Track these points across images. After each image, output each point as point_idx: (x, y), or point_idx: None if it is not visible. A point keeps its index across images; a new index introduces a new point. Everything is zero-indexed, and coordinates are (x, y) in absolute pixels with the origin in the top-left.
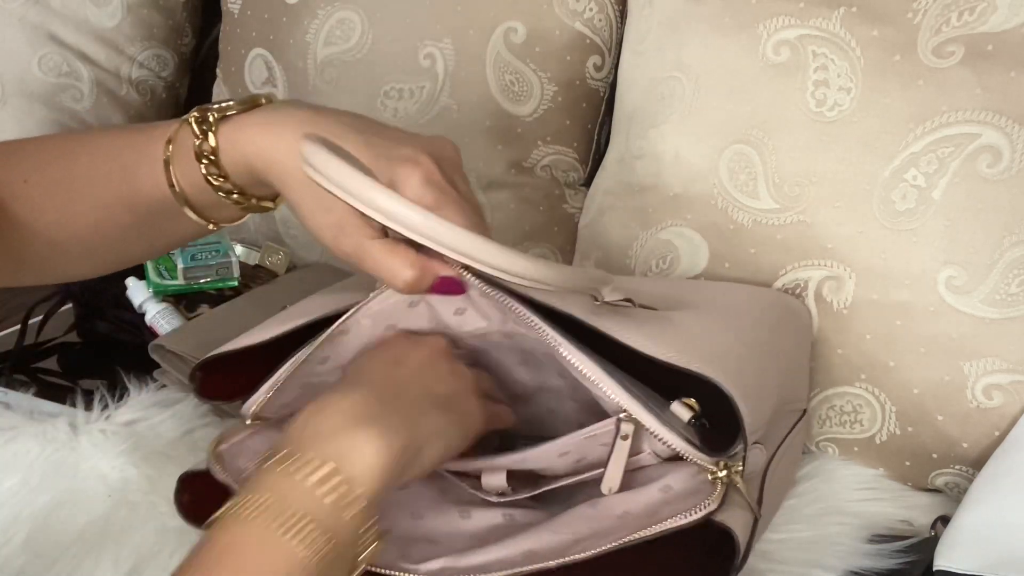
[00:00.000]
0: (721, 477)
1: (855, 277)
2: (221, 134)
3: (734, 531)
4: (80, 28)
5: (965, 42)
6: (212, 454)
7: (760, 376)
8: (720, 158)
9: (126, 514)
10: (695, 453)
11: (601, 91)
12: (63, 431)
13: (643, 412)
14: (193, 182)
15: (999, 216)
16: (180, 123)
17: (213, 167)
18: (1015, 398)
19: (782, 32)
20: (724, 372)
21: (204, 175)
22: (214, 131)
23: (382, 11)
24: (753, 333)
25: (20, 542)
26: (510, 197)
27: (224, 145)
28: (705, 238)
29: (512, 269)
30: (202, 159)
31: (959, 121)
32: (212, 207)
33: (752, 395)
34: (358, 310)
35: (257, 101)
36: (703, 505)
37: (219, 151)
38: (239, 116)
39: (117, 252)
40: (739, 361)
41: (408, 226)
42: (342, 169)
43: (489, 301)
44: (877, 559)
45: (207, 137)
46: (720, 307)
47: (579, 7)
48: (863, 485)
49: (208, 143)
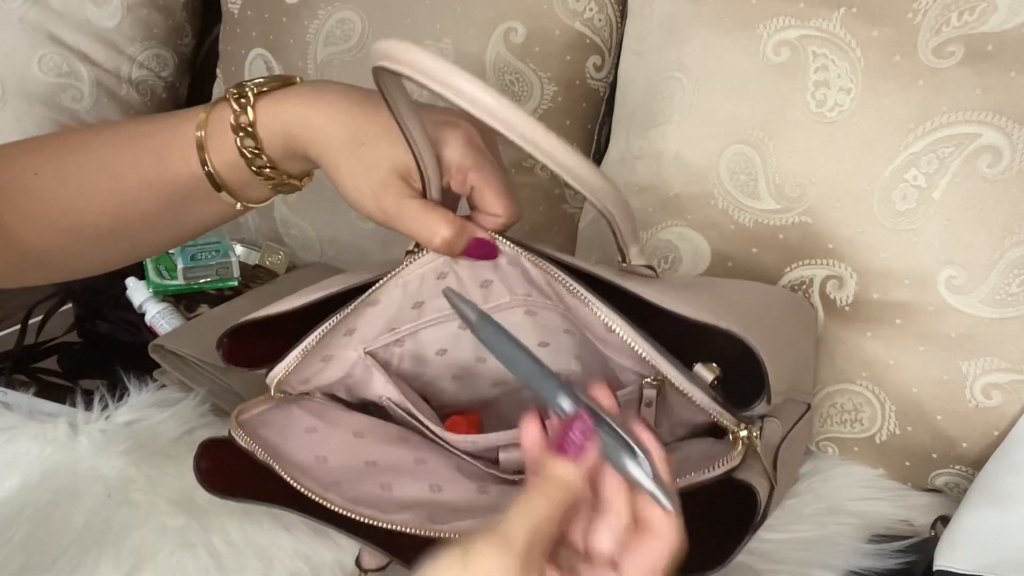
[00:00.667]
0: (742, 437)
1: (856, 276)
2: (260, 107)
3: (755, 487)
4: (80, 28)
5: (965, 42)
6: (235, 422)
7: (780, 345)
8: (720, 158)
9: (126, 514)
10: (719, 410)
11: (601, 91)
12: (63, 431)
13: (671, 369)
14: (227, 160)
15: (999, 216)
16: (213, 104)
17: (249, 139)
18: (1014, 398)
19: (782, 32)
20: (750, 331)
21: (239, 148)
22: (252, 105)
23: (382, 11)
24: (770, 313)
25: (20, 542)
26: None
27: (263, 117)
28: (706, 238)
29: (568, 163)
30: (239, 132)
31: (959, 121)
32: (243, 186)
33: (774, 359)
34: (389, 279)
35: (292, 79)
36: (724, 460)
37: (257, 123)
38: (279, 90)
39: (135, 240)
40: (762, 324)
41: (484, 107)
42: (420, 54)
43: (517, 271)
44: (877, 559)
45: (245, 110)
46: (735, 291)
47: (579, 7)
48: (863, 485)
49: (247, 115)
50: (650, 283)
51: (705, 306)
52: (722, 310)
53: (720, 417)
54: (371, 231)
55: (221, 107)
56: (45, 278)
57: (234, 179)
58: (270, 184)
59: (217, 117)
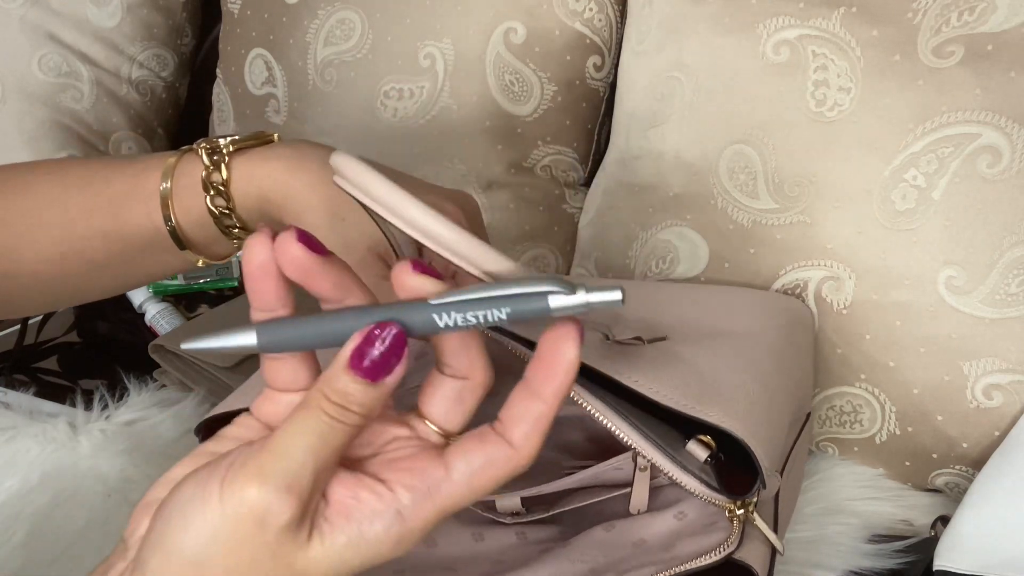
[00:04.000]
0: (739, 516)
1: (855, 277)
2: (235, 166)
3: (754, 569)
4: (80, 28)
5: (965, 42)
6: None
7: (773, 410)
8: (720, 158)
9: (126, 514)
10: (712, 495)
11: (601, 91)
12: (63, 431)
13: (658, 455)
14: (193, 216)
15: (999, 216)
16: (179, 155)
17: (221, 198)
18: (1015, 398)
19: (782, 32)
20: (739, 417)
21: (209, 207)
22: (227, 163)
23: (382, 11)
24: (765, 361)
25: (20, 542)
26: (510, 197)
27: (238, 178)
28: (705, 238)
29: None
30: (210, 189)
31: (959, 121)
32: (208, 243)
33: (767, 434)
34: None
35: (268, 137)
36: (722, 548)
37: (231, 183)
38: (256, 150)
39: (78, 288)
40: (752, 400)
41: (439, 240)
42: (376, 179)
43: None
44: (877, 559)
45: (219, 168)
46: (729, 335)
47: (579, 7)
48: (863, 485)
49: (220, 174)
50: (636, 361)
51: (694, 385)
52: (712, 384)
53: (714, 500)
54: None
55: (189, 160)
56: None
57: (199, 236)
58: (237, 243)
59: (185, 171)
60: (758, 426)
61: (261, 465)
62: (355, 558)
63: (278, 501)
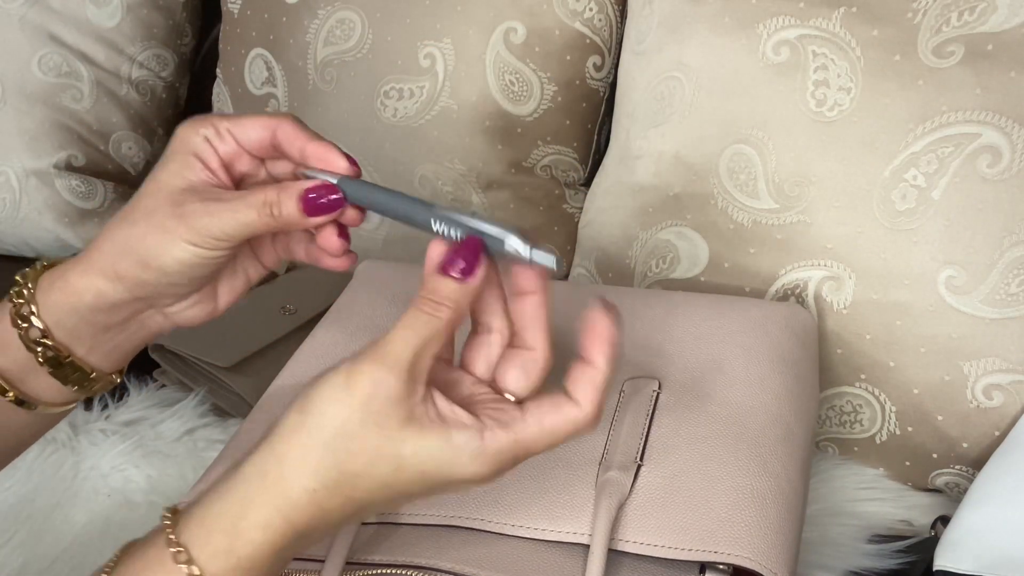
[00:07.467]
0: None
1: (855, 277)
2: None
3: None
4: (80, 28)
5: (965, 42)
6: None
7: (790, 507)
8: (720, 158)
9: (126, 514)
10: None
11: (601, 91)
12: (63, 431)
13: None
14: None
15: (999, 216)
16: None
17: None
18: (1015, 398)
19: (782, 32)
20: (755, 546)
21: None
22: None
23: (382, 11)
24: (774, 431)
25: (20, 542)
26: (510, 197)
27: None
28: (705, 238)
29: None
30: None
31: (959, 121)
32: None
33: (787, 548)
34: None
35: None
36: None
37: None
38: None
39: None
40: (767, 514)
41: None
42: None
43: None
44: (877, 559)
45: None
46: (730, 379)
47: (579, 7)
48: (863, 485)
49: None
50: (635, 514)
51: (702, 521)
52: (723, 513)
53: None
54: (371, 231)
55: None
56: None
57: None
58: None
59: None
60: (778, 548)
61: (375, 352)
62: (441, 454)
63: (387, 375)
